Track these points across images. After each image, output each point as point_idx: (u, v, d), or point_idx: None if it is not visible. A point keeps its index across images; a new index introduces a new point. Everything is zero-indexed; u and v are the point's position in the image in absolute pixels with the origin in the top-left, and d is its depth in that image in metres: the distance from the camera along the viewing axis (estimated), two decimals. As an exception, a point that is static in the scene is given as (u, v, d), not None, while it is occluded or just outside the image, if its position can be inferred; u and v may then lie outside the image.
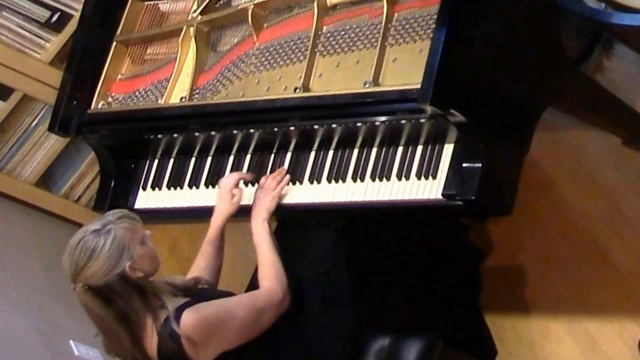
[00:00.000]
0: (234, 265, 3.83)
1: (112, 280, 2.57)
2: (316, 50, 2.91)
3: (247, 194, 3.01)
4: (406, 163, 2.73)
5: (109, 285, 2.57)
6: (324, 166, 2.90)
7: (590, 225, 3.16)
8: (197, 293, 2.74)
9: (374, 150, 2.82)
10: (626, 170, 3.14)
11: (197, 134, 3.13)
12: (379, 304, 2.89)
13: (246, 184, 3.03)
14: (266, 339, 2.71)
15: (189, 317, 2.57)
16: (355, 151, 2.85)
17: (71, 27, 3.86)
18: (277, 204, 2.88)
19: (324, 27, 2.94)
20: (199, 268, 2.94)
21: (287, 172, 2.95)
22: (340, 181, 2.85)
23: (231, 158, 3.13)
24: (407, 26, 2.74)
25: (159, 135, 3.23)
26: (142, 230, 2.67)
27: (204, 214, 3.13)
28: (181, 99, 3.19)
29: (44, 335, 3.63)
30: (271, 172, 3.00)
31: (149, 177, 3.33)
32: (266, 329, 2.69)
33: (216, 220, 2.99)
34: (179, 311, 2.58)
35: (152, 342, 2.61)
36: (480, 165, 2.53)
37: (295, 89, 2.88)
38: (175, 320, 2.56)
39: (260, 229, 2.85)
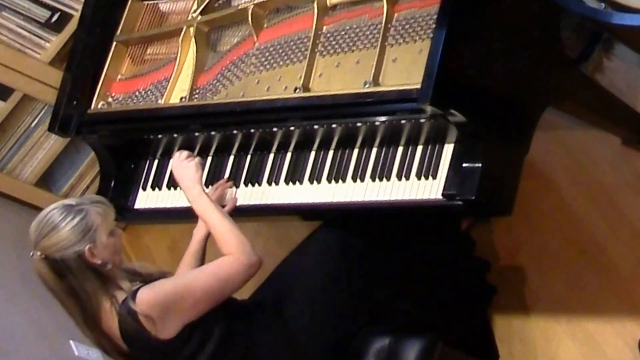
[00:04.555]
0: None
1: (68, 256, 2.60)
2: (316, 50, 2.91)
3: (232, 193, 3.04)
4: (406, 163, 2.73)
5: (64, 260, 2.61)
6: (324, 166, 2.90)
7: (590, 225, 3.16)
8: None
9: (374, 150, 2.82)
10: (626, 170, 3.14)
11: (197, 134, 3.13)
12: (381, 305, 2.89)
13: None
14: (242, 323, 2.71)
15: (144, 294, 2.59)
16: (355, 151, 2.85)
17: (71, 27, 3.86)
18: (199, 171, 2.88)
19: (324, 27, 2.94)
20: None
21: (287, 173, 2.96)
22: (340, 181, 2.85)
23: (231, 158, 3.13)
24: (407, 26, 2.74)
25: (159, 135, 3.23)
26: (113, 222, 2.71)
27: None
28: (181, 99, 3.20)
29: (44, 335, 3.63)
30: (270, 172, 3.00)
31: (149, 177, 3.33)
32: (235, 292, 2.69)
33: (200, 232, 2.97)
34: (136, 290, 2.61)
35: (113, 323, 2.62)
36: (480, 165, 2.53)
37: (295, 89, 2.88)
38: (132, 299, 2.58)
39: (201, 200, 2.83)
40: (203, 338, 2.66)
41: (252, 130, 3.00)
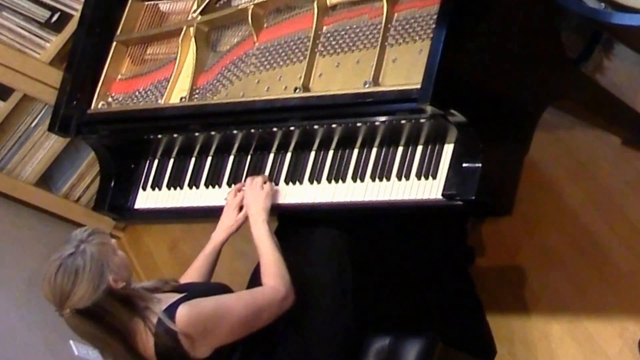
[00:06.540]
0: (234, 266, 3.83)
1: (98, 298, 2.53)
2: (316, 50, 2.91)
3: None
4: (406, 163, 2.73)
5: (97, 304, 2.53)
6: (324, 166, 2.90)
7: (590, 225, 3.16)
8: (186, 290, 2.73)
9: (374, 150, 2.82)
10: (626, 170, 3.14)
11: (197, 134, 3.13)
12: (379, 304, 2.89)
13: None
14: (263, 336, 2.71)
15: (184, 312, 2.56)
16: (355, 151, 2.85)
17: (71, 27, 3.86)
18: (271, 201, 2.88)
19: (324, 27, 2.94)
20: (190, 279, 2.93)
21: (287, 173, 2.96)
22: (340, 181, 2.85)
23: (231, 158, 3.13)
24: (407, 26, 2.74)
25: (159, 135, 3.23)
26: (111, 241, 2.65)
27: (204, 214, 3.13)
28: (181, 99, 3.20)
29: (44, 335, 3.63)
30: (270, 172, 3.00)
31: (149, 177, 3.33)
32: (266, 324, 2.69)
33: (219, 235, 2.98)
34: (173, 308, 2.58)
35: (148, 344, 2.59)
36: (480, 165, 2.53)
37: (295, 89, 2.88)
38: (169, 318, 2.56)
39: (260, 229, 2.84)
40: (229, 351, 2.67)
41: (252, 130, 3.00)
